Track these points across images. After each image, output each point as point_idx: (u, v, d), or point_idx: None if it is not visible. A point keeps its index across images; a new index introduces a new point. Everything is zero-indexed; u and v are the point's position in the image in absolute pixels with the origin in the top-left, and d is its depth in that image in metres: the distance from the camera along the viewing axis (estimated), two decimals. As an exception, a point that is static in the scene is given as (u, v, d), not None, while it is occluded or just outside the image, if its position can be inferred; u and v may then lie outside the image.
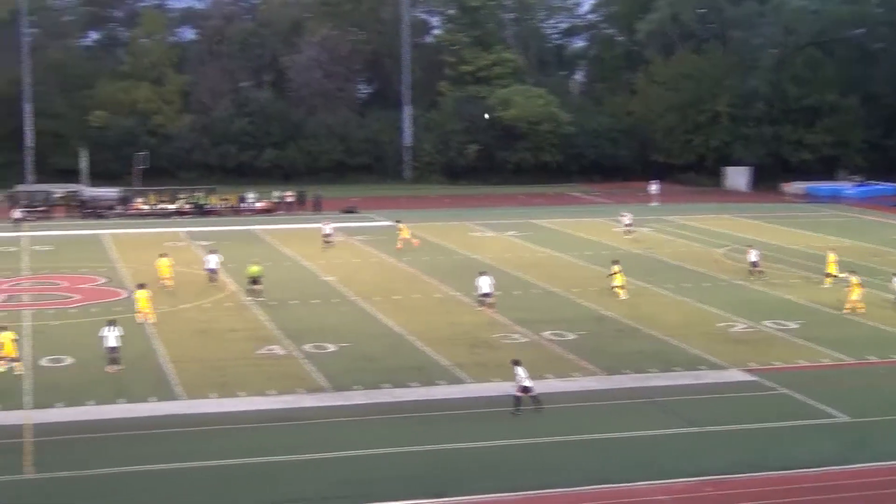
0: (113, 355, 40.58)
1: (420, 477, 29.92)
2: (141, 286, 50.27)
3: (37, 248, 72.46)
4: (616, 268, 55.46)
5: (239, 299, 54.14)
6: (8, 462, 30.64)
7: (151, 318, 48.24)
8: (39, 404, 36.23)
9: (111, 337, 40.68)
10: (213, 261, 58.29)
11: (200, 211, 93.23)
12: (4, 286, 58.62)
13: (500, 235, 79.04)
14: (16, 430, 33.28)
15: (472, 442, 32.66)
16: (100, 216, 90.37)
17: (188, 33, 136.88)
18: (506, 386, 35.97)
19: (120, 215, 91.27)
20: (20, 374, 39.70)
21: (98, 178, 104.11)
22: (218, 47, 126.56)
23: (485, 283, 52.33)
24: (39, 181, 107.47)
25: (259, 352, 43.64)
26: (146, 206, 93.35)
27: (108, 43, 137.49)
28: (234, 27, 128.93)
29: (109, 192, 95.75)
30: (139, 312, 48.31)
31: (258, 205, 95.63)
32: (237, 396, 37.36)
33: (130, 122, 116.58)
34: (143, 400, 36.81)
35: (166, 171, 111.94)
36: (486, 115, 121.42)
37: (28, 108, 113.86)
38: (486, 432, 33.52)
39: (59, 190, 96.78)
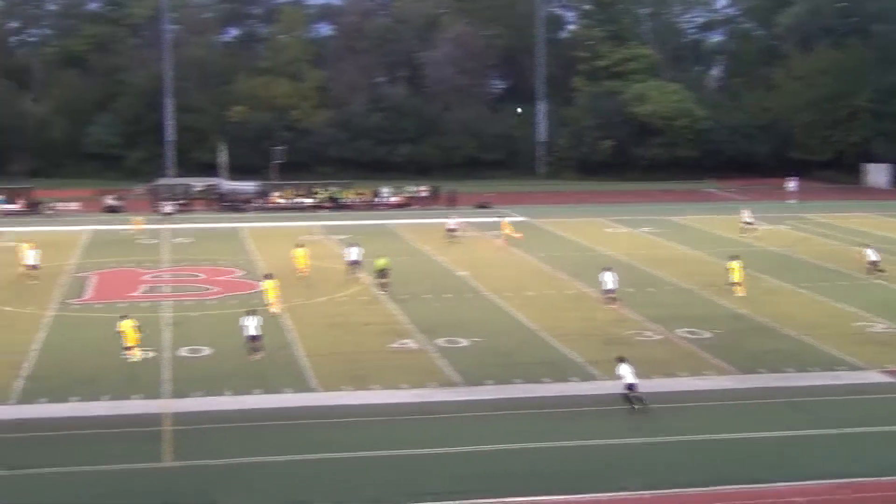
0: (254, 344, 41.48)
1: (552, 473, 29.83)
2: (268, 276, 51.16)
3: (177, 240, 74.07)
4: (734, 264, 54.62)
5: (373, 293, 54.62)
6: (148, 450, 31.36)
7: (278, 308, 48.91)
8: (178, 393, 37.00)
9: (251, 326, 41.63)
10: (354, 253, 58.96)
11: (336, 205, 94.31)
12: (146, 277, 60.04)
13: (634, 231, 78.54)
14: (155, 419, 34.05)
15: (605, 439, 32.52)
16: (238, 209, 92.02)
17: (325, 29, 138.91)
18: (640, 384, 35.55)
19: (257, 209, 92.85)
20: (147, 356, 40.88)
21: (236, 172, 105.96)
22: (354, 43, 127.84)
23: (609, 279, 52.04)
24: (179, 175, 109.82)
25: (392, 345, 43.96)
26: (283, 200, 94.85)
27: (247, 39, 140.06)
28: (370, 23, 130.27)
29: (247, 186, 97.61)
30: (269, 304, 49.06)
31: (392, 199, 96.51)
32: (371, 389, 37.70)
33: (268, 117, 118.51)
34: (279, 391, 37.38)
35: (303, 166, 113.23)
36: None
37: (169, 104, 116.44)
38: (619, 429, 33.35)
39: (198, 183, 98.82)
